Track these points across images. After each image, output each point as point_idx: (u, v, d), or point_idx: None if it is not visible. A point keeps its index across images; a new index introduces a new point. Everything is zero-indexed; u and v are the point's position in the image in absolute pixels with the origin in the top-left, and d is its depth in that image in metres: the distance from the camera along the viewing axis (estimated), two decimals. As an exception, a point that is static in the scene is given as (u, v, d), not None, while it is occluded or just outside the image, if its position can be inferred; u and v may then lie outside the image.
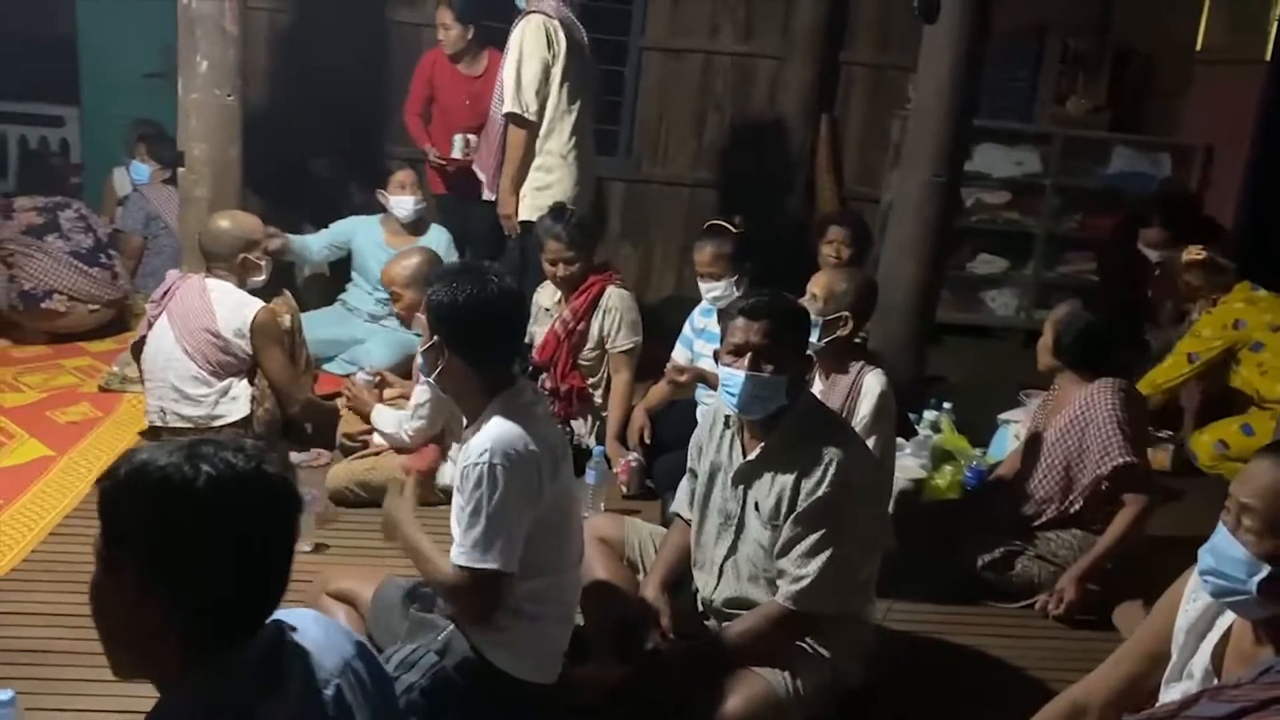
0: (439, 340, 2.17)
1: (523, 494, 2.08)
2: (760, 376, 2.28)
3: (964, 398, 4.32)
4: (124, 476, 1.22)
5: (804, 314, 2.47)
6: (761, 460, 2.35)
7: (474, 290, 2.13)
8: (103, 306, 4.66)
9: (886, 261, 4.02)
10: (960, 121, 3.80)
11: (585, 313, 3.73)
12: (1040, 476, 3.12)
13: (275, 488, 1.23)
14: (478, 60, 4.81)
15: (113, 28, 5.68)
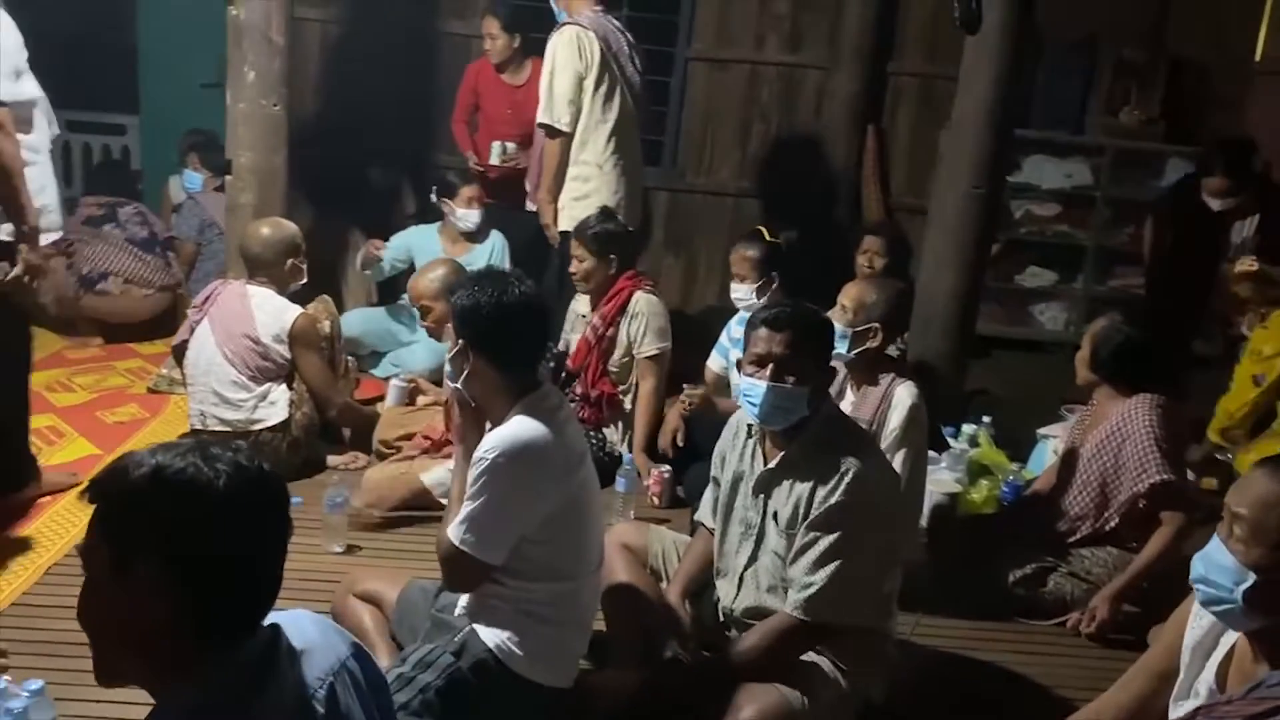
0: (463, 344, 2.21)
1: (525, 493, 2.12)
2: (782, 387, 2.28)
3: (1006, 412, 4.26)
4: (136, 479, 1.22)
5: (827, 325, 2.46)
6: (781, 469, 2.35)
7: (496, 294, 2.17)
8: (156, 291, 4.81)
9: (925, 273, 3.98)
10: (1001, 133, 3.76)
11: (613, 318, 3.75)
12: (1075, 492, 3.07)
13: (277, 488, 1.26)
14: (521, 69, 4.86)
15: (172, 38, 5.82)
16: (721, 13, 5.72)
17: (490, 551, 2.13)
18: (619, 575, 2.57)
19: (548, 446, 2.13)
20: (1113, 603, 2.92)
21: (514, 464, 2.09)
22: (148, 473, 1.22)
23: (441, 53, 5.68)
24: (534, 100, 4.42)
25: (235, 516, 1.22)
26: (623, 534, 2.75)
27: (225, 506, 1.21)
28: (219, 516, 1.21)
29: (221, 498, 1.20)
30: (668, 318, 3.83)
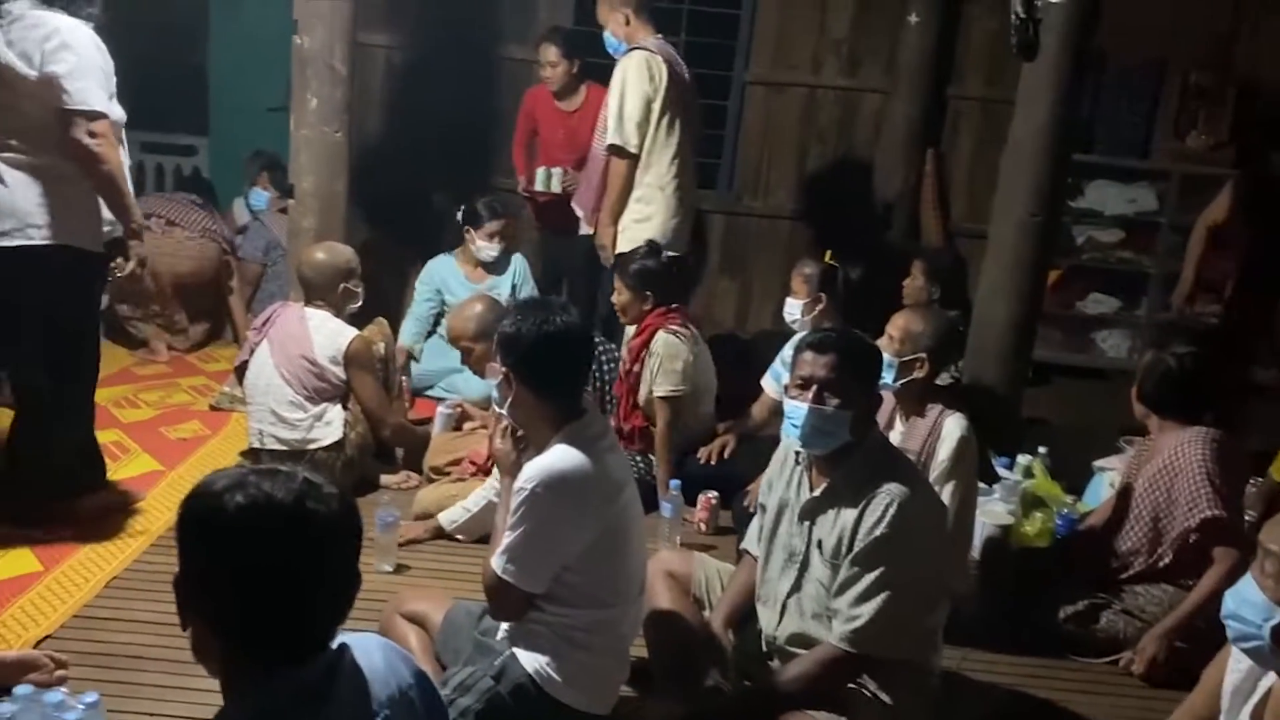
0: (506, 372, 2.24)
1: (564, 523, 2.14)
2: (823, 410, 2.28)
3: (1064, 441, 4.19)
4: (189, 497, 1.31)
5: (872, 351, 2.46)
6: (826, 497, 2.34)
7: (539, 323, 2.21)
8: (200, 236, 4.93)
9: (981, 300, 3.94)
10: (1059, 160, 3.71)
11: (639, 354, 3.76)
12: (1128, 527, 3.01)
13: (313, 522, 1.27)
14: (576, 95, 4.91)
15: (241, 62, 5.98)
16: (779, 37, 5.72)
17: (531, 581, 2.16)
18: (662, 602, 2.58)
19: (587, 476, 2.15)
20: (1164, 641, 2.85)
21: (552, 494, 2.12)
22: (193, 493, 1.30)
23: (501, 77, 5.76)
24: (588, 125, 4.52)
25: (237, 546, 1.25)
26: (667, 561, 2.76)
27: (224, 534, 1.26)
28: (220, 544, 1.26)
29: (223, 526, 1.25)
30: (687, 359, 3.73)
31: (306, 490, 1.27)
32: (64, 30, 2.85)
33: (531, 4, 5.70)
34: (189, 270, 4.93)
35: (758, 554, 2.55)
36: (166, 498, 3.50)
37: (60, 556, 3.06)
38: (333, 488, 1.32)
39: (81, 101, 2.85)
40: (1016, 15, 3.58)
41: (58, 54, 2.82)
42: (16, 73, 2.83)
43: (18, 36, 2.84)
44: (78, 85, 2.84)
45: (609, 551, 2.22)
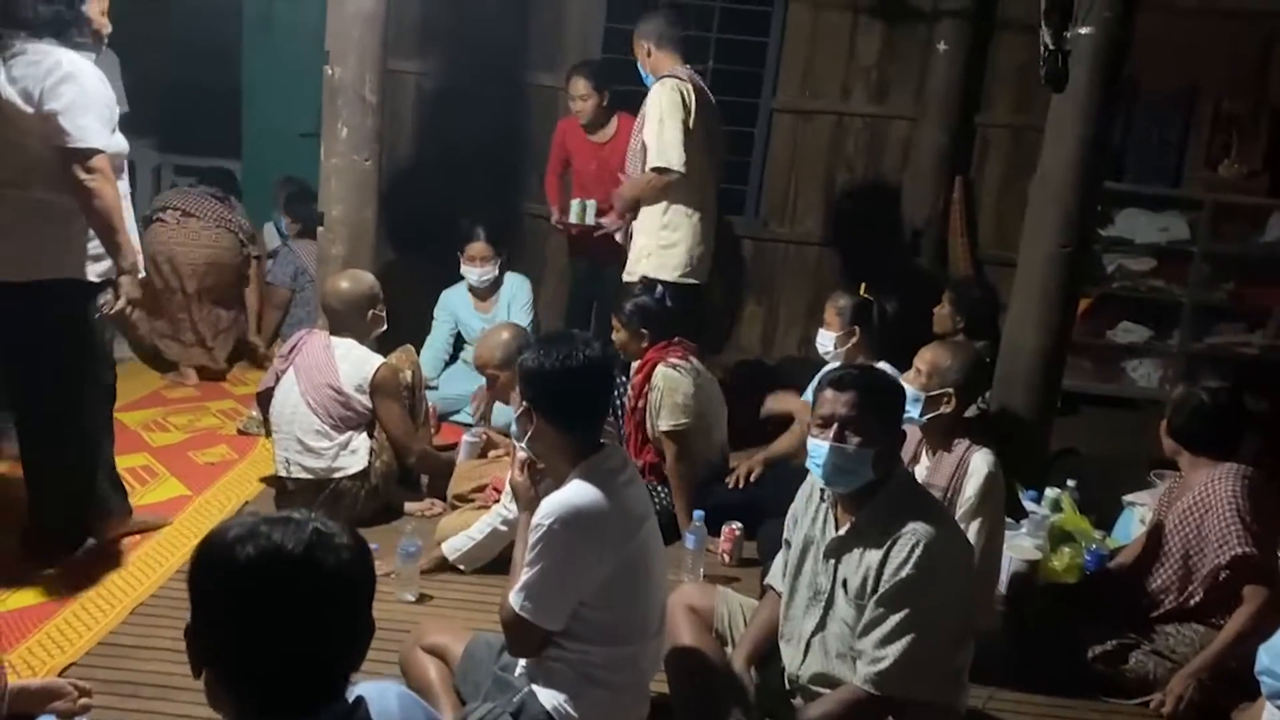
0: (528, 406, 2.24)
1: (580, 560, 2.14)
2: (844, 448, 2.27)
3: (1093, 474, 4.14)
4: (201, 545, 1.31)
5: (895, 388, 2.44)
6: (852, 536, 2.32)
7: (562, 357, 2.21)
8: (215, 227, 4.95)
9: (1009, 332, 3.91)
10: (1088, 191, 3.68)
11: (641, 389, 3.74)
12: (1158, 565, 2.97)
13: (323, 572, 1.26)
14: (607, 126, 4.93)
15: (274, 87, 6.05)
16: (807, 65, 5.73)
17: (550, 618, 2.16)
18: (683, 638, 2.56)
19: (604, 512, 2.15)
20: (1193, 682, 2.80)
21: (569, 531, 2.12)
22: (207, 539, 1.30)
23: (530, 104, 5.80)
24: (619, 156, 4.54)
25: (243, 596, 1.25)
26: (689, 595, 2.74)
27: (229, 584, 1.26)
28: (226, 594, 1.26)
29: (229, 574, 1.25)
30: (688, 392, 3.68)
31: (317, 540, 1.27)
32: (65, 64, 2.82)
33: (560, 32, 5.75)
34: (205, 259, 4.93)
35: (781, 590, 2.53)
36: (193, 524, 3.53)
37: (87, 582, 3.08)
38: (345, 535, 1.31)
39: (79, 139, 2.82)
40: (1045, 46, 3.55)
41: (57, 89, 2.80)
42: (18, 109, 2.82)
43: (20, 73, 2.82)
44: (76, 123, 2.81)
45: (628, 587, 2.21)
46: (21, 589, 3.03)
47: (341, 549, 1.29)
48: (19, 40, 2.85)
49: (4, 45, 2.85)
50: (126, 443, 4.13)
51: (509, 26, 5.66)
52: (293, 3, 5.89)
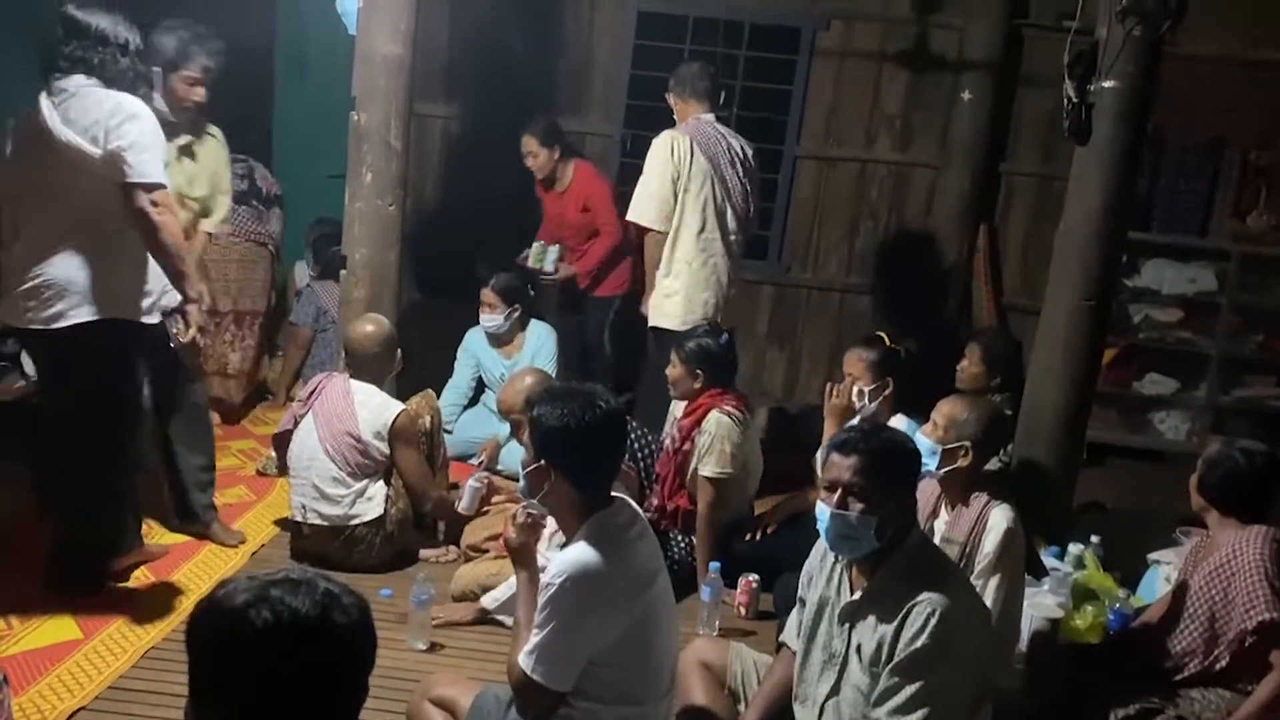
0: (545, 462, 2.22)
1: (590, 620, 2.12)
2: (844, 515, 2.24)
3: (1118, 528, 4.07)
4: (203, 609, 1.29)
5: (904, 451, 2.36)
6: (866, 601, 2.29)
7: (581, 414, 2.19)
8: (244, 241, 4.94)
9: (1032, 384, 3.86)
10: (1112, 243, 3.65)
11: (690, 433, 3.71)
12: (1183, 626, 2.89)
13: (335, 637, 1.26)
14: (563, 177, 5.10)
15: (305, 128, 6.11)
16: (831, 113, 5.75)
17: (561, 680, 2.13)
18: (695, 696, 2.53)
19: (614, 570, 2.13)
20: (1220, 750, 2.73)
21: (579, 590, 2.10)
22: (209, 602, 1.28)
23: (556, 149, 5.84)
24: (575, 202, 4.93)
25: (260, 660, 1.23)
26: (702, 651, 2.71)
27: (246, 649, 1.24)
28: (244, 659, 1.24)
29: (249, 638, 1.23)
30: (737, 442, 3.66)
31: (330, 601, 1.26)
32: (126, 104, 2.93)
33: (586, 77, 5.80)
34: (237, 276, 4.96)
35: (796, 648, 2.49)
36: (208, 565, 3.53)
37: (100, 625, 3.09)
38: (352, 595, 1.30)
39: (144, 174, 2.92)
40: (1069, 99, 3.56)
41: (122, 127, 2.89)
42: (82, 151, 2.89)
43: (77, 114, 2.90)
44: (141, 158, 2.91)
45: (638, 645, 2.18)
46: (33, 632, 3.03)
47: (350, 608, 1.28)
48: (71, 82, 2.94)
49: (59, 89, 2.94)
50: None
51: (537, 72, 5.73)
52: (325, 45, 5.98)
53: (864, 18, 5.63)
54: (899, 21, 5.60)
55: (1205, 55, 5.09)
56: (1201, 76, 5.09)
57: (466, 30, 5.68)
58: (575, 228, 5.07)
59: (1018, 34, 5.51)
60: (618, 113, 5.79)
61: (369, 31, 3.87)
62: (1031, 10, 5.50)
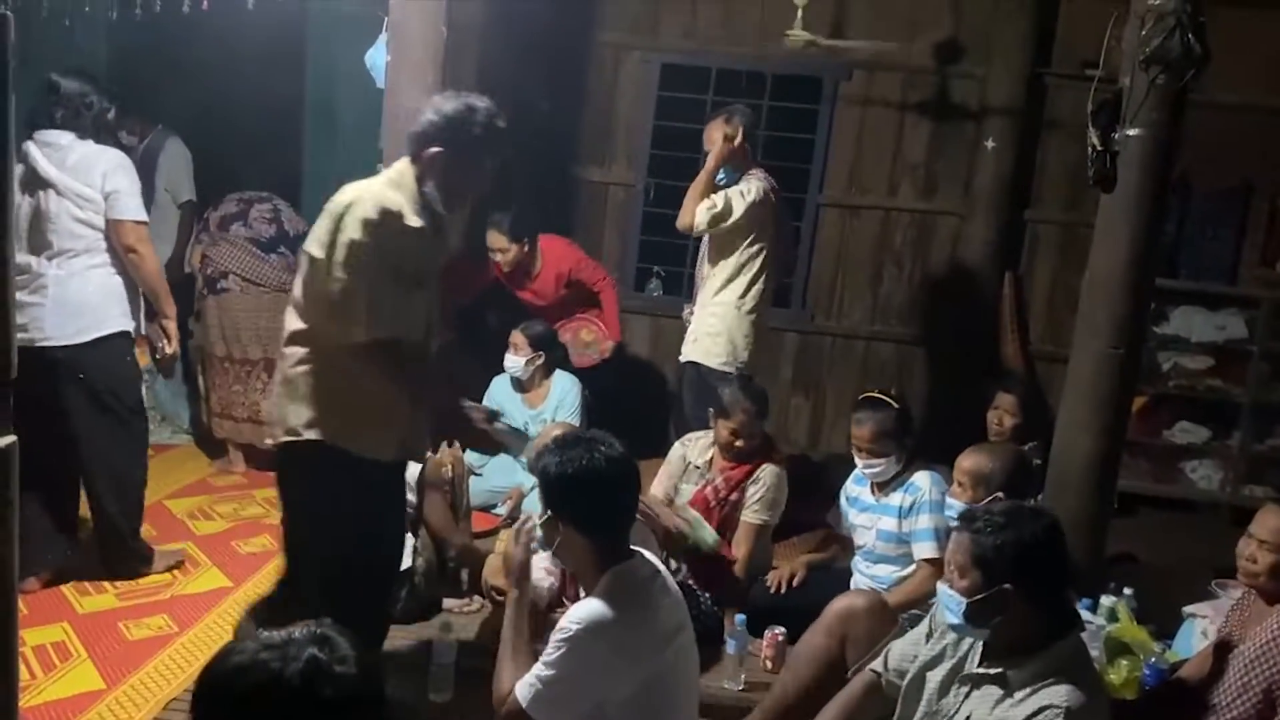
0: (552, 513, 2.21)
1: (598, 674, 2.10)
2: (950, 595, 2.25)
3: (1151, 580, 4.00)
4: (206, 669, 1.29)
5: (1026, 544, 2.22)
6: (999, 679, 2.22)
7: (580, 460, 2.18)
8: (274, 291, 4.95)
9: (1061, 434, 3.81)
10: (1140, 291, 3.61)
11: (739, 484, 3.69)
12: (1235, 694, 2.78)
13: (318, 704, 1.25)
14: (534, 264, 5.02)
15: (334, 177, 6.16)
16: (854, 161, 5.78)
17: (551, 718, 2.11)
18: None
19: (630, 628, 2.11)
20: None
21: (596, 642, 2.08)
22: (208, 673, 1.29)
23: (581, 199, 5.91)
24: (551, 283, 4.93)
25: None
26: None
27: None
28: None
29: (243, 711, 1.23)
30: (786, 495, 3.75)
31: (315, 669, 1.25)
32: (113, 157, 3.59)
33: (610, 128, 5.87)
34: (267, 325, 4.96)
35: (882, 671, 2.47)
36: (229, 615, 3.52)
37: (123, 674, 3.08)
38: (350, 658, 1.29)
39: (132, 214, 3.57)
40: (1093, 147, 3.55)
41: (114, 175, 3.54)
42: (83, 191, 3.50)
43: (76, 164, 3.51)
44: (129, 202, 3.56)
45: (657, 703, 2.15)
46: (56, 682, 3.02)
47: (342, 678, 1.26)
48: (63, 137, 3.52)
49: (48, 143, 3.51)
50: (171, 531, 4.19)
51: (562, 123, 5.79)
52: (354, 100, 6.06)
53: (886, 67, 5.67)
54: (920, 71, 5.64)
55: (1230, 103, 5.09)
56: (1226, 123, 5.08)
57: (492, 83, 5.74)
58: (556, 302, 5.04)
59: (1040, 81, 5.53)
60: (641, 162, 5.84)
61: (397, 85, 3.92)
62: (1054, 59, 5.52)
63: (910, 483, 3.56)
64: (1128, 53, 3.44)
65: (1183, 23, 3.26)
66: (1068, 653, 2.19)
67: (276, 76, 6.09)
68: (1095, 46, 3.62)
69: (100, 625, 3.37)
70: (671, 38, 5.76)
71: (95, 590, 3.61)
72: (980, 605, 2.19)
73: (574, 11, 5.70)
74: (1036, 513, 2.27)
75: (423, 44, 3.90)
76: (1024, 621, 2.19)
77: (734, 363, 4.30)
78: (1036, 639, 2.18)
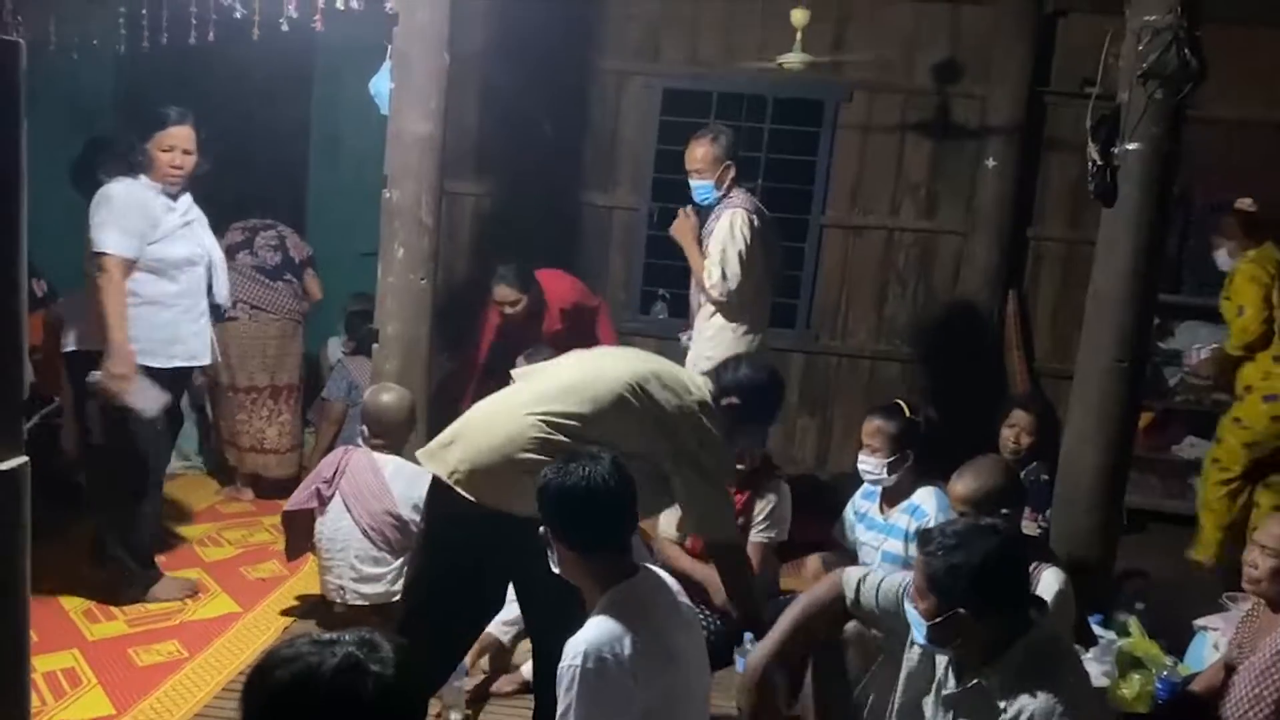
0: (548, 530, 2.21)
1: (611, 700, 2.07)
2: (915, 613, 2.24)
3: (1162, 595, 4.00)
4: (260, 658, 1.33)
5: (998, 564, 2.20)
6: (974, 692, 2.22)
7: (578, 477, 2.17)
8: (282, 318, 5.00)
9: (1067, 450, 3.81)
10: (1144, 304, 3.62)
11: (747, 507, 3.69)
12: (1246, 706, 2.77)
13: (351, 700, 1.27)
14: (540, 305, 4.98)
15: (338, 208, 6.24)
16: (856, 182, 5.81)
17: None
18: None
19: (632, 646, 2.09)
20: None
21: (598, 670, 2.06)
22: (290, 678, 1.29)
23: (585, 223, 5.95)
24: (556, 319, 4.89)
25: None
26: None
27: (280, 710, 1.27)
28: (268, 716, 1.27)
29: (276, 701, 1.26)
30: (790, 510, 3.80)
31: (352, 665, 1.27)
32: (101, 191, 3.56)
33: (613, 153, 5.91)
34: (275, 352, 5.02)
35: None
36: (238, 641, 3.52)
37: (133, 700, 3.08)
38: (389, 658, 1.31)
39: (97, 244, 3.48)
40: (1093, 161, 3.57)
41: (97, 206, 3.52)
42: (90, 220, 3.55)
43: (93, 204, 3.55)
44: (99, 234, 3.49)
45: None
46: (66, 709, 3.02)
47: (377, 677, 1.28)
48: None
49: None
50: (181, 557, 4.20)
51: (565, 149, 5.85)
52: (358, 127, 6.13)
53: (886, 89, 5.71)
54: (920, 92, 5.68)
55: (1229, 118, 5.12)
56: (1228, 139, 5.11)
57: (496, 109, 5.81)
58: (565, 334, 4.97)
59: (1040, 100, 5.57)
60: (644, 187, 5.88)
61: (400, 111, 3.96)
62: (1053, 77, 5.56)
63: (917, 506, 3.56)
64: (1125, 68, 3.47)
65: (1179, 37, 3.29)
66: (1034, 648, 2.17)
67: (283, 106, 6.15)
68: (1094, 64, 3.65)
69: (110, 651, 3.36)
70: (673, 62, 5.81)
71: (105, 616, 3.61)
72: (939, 627, 2.19)
73: (576, 38, 5.77)
74: (989, 531, 2.22)
75: (426, 72, 3.94)
76: (981, 636, 2.19)
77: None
78: (999, 645, 2.18)
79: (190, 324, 3.74)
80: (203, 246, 3.82)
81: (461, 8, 4.04)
